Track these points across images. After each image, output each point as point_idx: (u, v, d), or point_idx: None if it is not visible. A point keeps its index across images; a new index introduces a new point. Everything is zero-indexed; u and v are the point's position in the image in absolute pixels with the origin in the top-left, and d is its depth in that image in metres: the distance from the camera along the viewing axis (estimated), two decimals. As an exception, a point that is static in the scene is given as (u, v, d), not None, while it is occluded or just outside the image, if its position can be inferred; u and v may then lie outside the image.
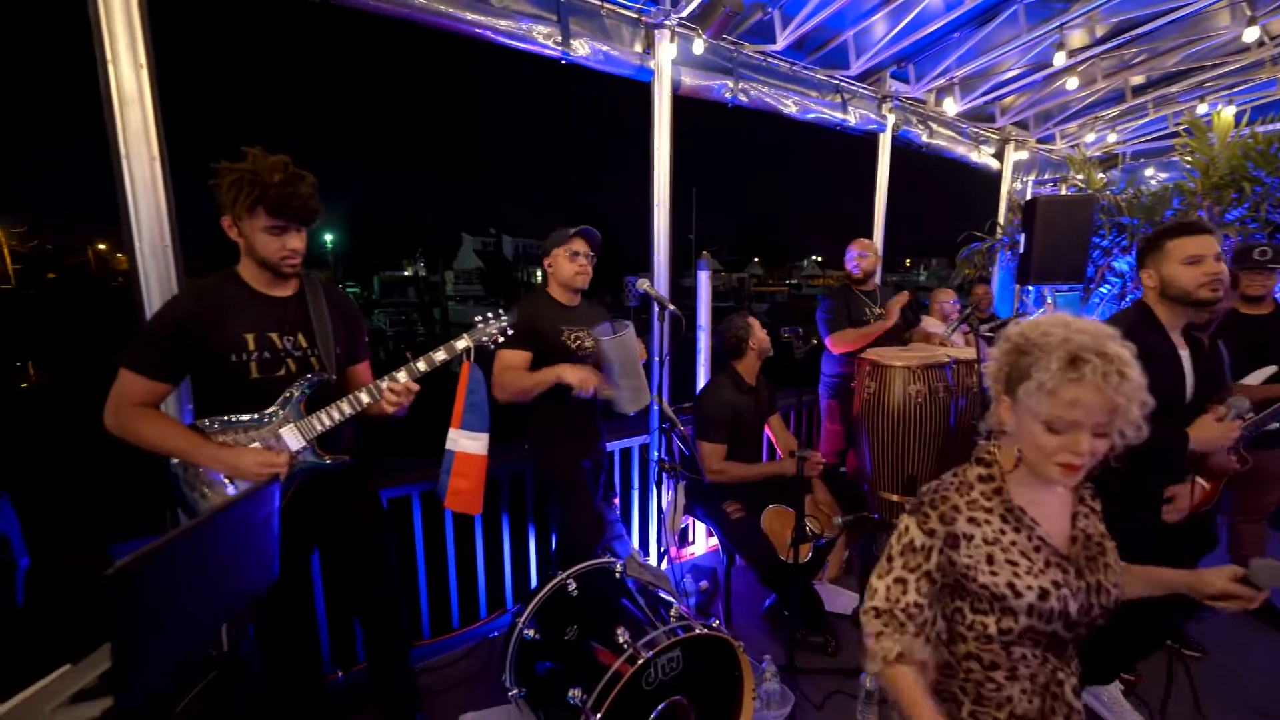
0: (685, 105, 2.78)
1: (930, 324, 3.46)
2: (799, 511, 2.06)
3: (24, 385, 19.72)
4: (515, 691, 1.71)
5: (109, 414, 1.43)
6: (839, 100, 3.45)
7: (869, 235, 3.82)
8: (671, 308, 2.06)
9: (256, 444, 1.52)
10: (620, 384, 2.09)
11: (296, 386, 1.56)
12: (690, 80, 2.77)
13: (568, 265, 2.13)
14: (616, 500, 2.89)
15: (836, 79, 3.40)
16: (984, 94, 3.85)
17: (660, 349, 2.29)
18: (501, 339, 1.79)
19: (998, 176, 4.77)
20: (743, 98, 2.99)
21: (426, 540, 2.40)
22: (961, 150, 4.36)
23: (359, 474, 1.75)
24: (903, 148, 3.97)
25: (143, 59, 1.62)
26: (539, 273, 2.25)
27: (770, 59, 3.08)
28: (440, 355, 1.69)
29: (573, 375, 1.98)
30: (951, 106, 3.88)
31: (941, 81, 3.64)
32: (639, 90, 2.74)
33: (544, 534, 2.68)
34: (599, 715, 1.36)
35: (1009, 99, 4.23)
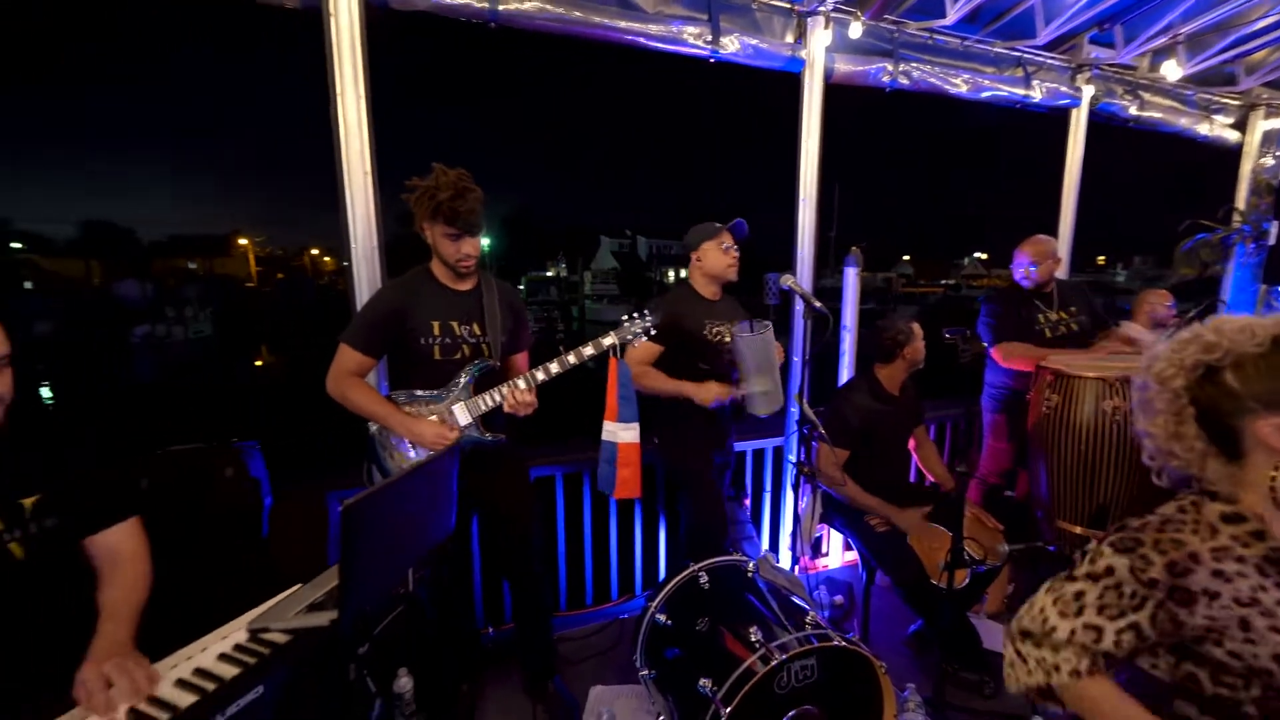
0: (833, 94, 2.65)
1: (1133, 329, 2.91)
2: (957, 533, 1.87)
3: (259, 364, 24.46)
4: (646, 672, 1.77)
5: (329, 380, 1.74)
6: (1020, 75, 3.05)
7: (1053, 230, 3.32)
8: (818, 305, 1.98)
9: (434, 417, 1.75)
10: (754, 384, 2.07)
11: (468, 369, 1.77)
12: (844, 67, 2.63)
13: (721, 257, 2.15)
14: (747, 501, 2.85)
15: (1019, 51, 3.01)
16: (1220, 51, 3.15)
17: (802, 348, 2.21)
18: (645, 337, 1.87)
19: (1236, 152, 3.87)
20: (903, 80, 2.77)
21: (566, 520, 2.57)
22: (1185, 122, 3.61)
23: (512, 451, 1.94)
24: (1103, 123, 3.40)
25: (363, 91, 1.93)
26: (671, 273, 2.29)
27: (938, 35, 2.81)
28: (588, 351, 1.81)
29: (700, 394, 2.03)
30: (1173, 70, 3.22)
31: (1161, 41, 3.04)
32: (783, 83, 2.65)
33: (674, 526, 2.73)
34: (729, 709, 1.36)
35: (1259, 54, 3.40)
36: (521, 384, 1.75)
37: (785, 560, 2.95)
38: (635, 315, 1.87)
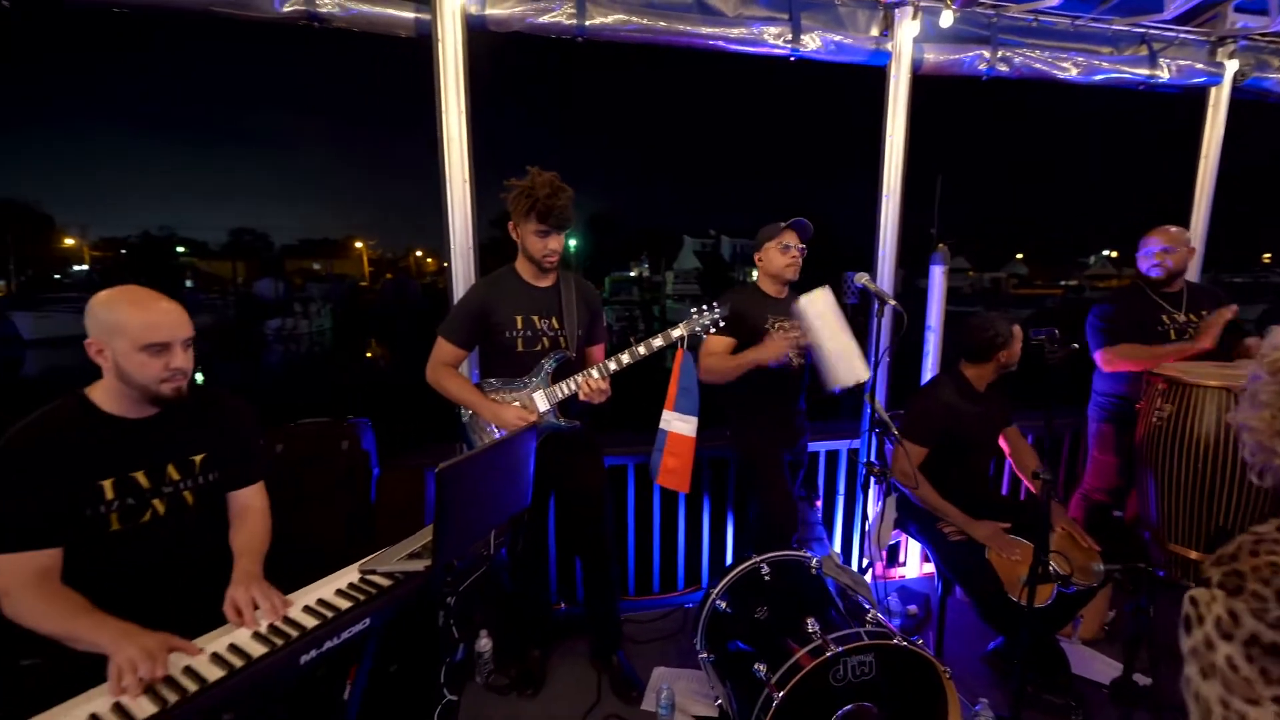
0: (926, 85, 2.56)
1: None
2: (1039, 545, 1.76)
3: (368, 355, 26.85)
4: (705, 655, 1.83)
5: (428, 369, 1.95)
6: (1145, 53, 2.77)
7: (1184, 221, 2.98)
8: (892, 303, 1.94)
9: (516, 403, 1.91)
10: (827, 349, 2.04)
11: (547, 360, 1.92)
12: (934, 57, 2.53)
13: (779, 257, 2.17)
14: (819, 503, 2.82)
15: (1143, 27, 2.74)
16: None
17: (877, 348, 2.17)
18: (714, 330, 1.93)
19: None
20: (1002, 67, 2.61)
21: (636, 510, 2.68)
22: (1363, 97, 3.09)
23: (587, 437, 2.07)
24: (1251, 100, 3.00)
25: (464, 107, 2.14)
26: (755, 272, 2.33)
27: (1043, 17, 2.63)
28: (658, 342, 1.90)
29: (762, 353, 2.03)
30: (1346, 38, 2.79)
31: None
32: (867, 77, 2.59)
33: (743, 523, 2.76)
34: (781, 694, 1.39)
35: None
36: (595, 373, 1.87)
37: (855, 566, 2.88)
38: (704, 307, 1.94)
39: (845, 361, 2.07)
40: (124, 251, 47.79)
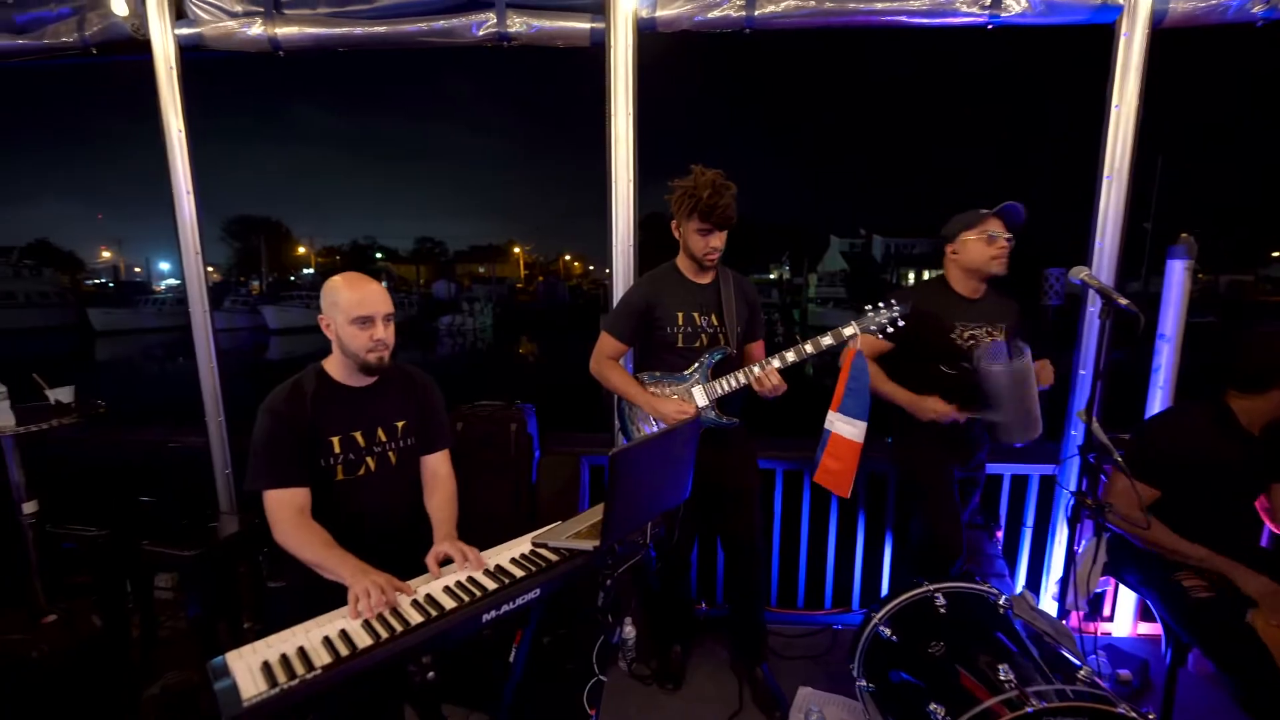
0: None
1: None
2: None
3: (521, 351, 29.31)
4: (863, 683, 1.68)
5: (592, 362, 2.03)
6: None
7: None
8: (1123, 302, 1.59)
9: (675, 397, 1.92)
10: (1006, 414, 1.83)
11: (707, 355, 1.91)
12: (1184, 4, 2.07)
13: (982, 250, 1.91)
14: (999, 534, 2.46)
15: None
16: None
17: (1096, 358, 1.82)
18: (891, 329, 1.77)
19: None
20: (1287, 9, 2.06)
21: (783, 519, 2.56)
22: None
23: (743, 434, 2.01)
24: None
25: (632, 109, 2.21)
26: (911, 274, 2.10)
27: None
28: (827, 340, 1.79)
29: (917, 406, 1.90)
30: None
31: None
32: (1074, 42, 2.19)
33: (902, 545, 2.50)
34: (966, 745, 1.22)
35: None
36: (775, 363, 1.81)
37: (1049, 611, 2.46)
38: (880, 305, 1.79)
39: (1025, 427, 1.86)
40: (338, 257, 57.74)
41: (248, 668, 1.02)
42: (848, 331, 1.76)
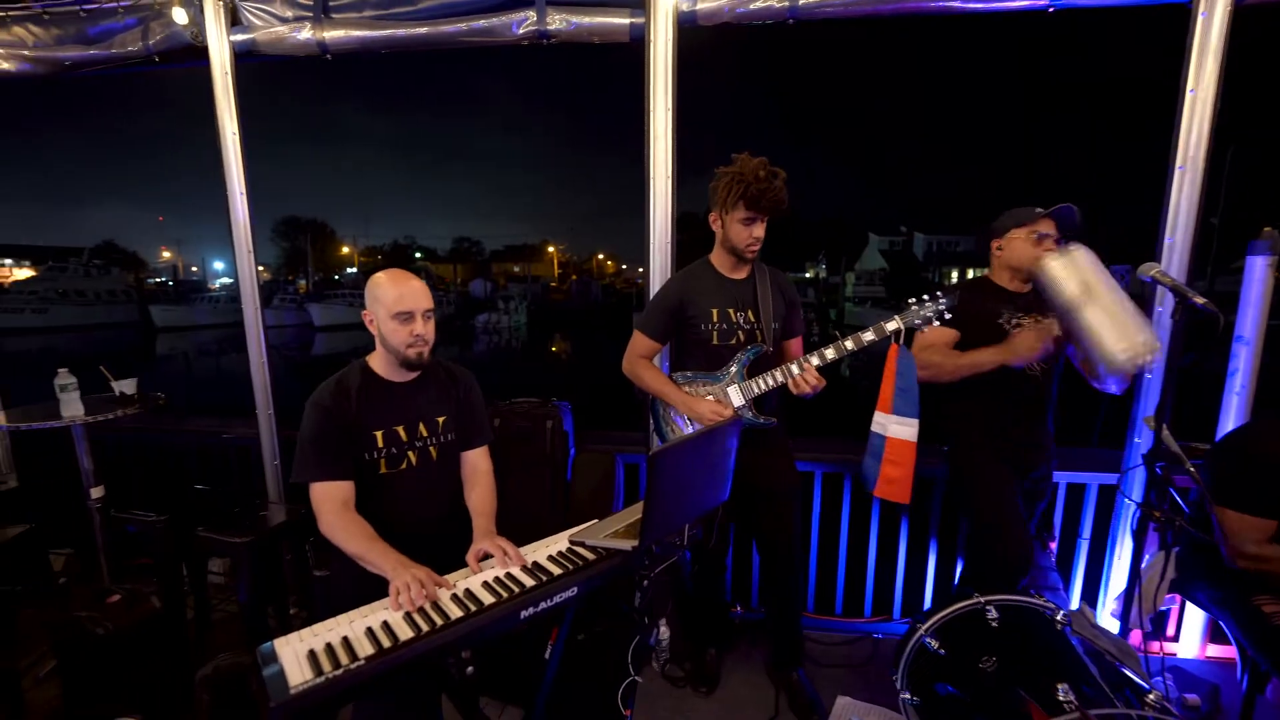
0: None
1: None
2: None
3: (554, 349, 29.62)
4: (907, 696, 1.61)
5: (625, 361, 2.02)
6: None
7: None
8: (1199, 300, 1.47)
9: (710, 396, 1.89)
10: (1094, 322, 1.59)
11: (742, 353, 1.86)
12: (1271, -19, 1.92)
13: (1028, 249, 1.82)
14: (1054, 545, 2.34)
15: None
16: None
17: (1167, 360, 1.71)
18: (937, 323, 1.70)
19: None
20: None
21: (820, 523, 2.49)
22: None
23: (780, 434, 1.96)
24: None
25: (671, 104, 2.19)
26: (955, 273, 2.01)
27: None
28: (869, 336, 1.73)
29: (1010, 350, 1.73)
30: None
31: None
32: (1143, 22, 2.05)
33: (947, 554, 2.40)
34: (1023, 768, 1.15)
35: None
36: (814, 360, 1.75)
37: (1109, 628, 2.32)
38: (926, 298, 1.71)
39: (1121, 328, 1.56)
40: (379, 257, 59.53)
41: (294, 655, 1.04)
42: (891, 326, 1.70)
